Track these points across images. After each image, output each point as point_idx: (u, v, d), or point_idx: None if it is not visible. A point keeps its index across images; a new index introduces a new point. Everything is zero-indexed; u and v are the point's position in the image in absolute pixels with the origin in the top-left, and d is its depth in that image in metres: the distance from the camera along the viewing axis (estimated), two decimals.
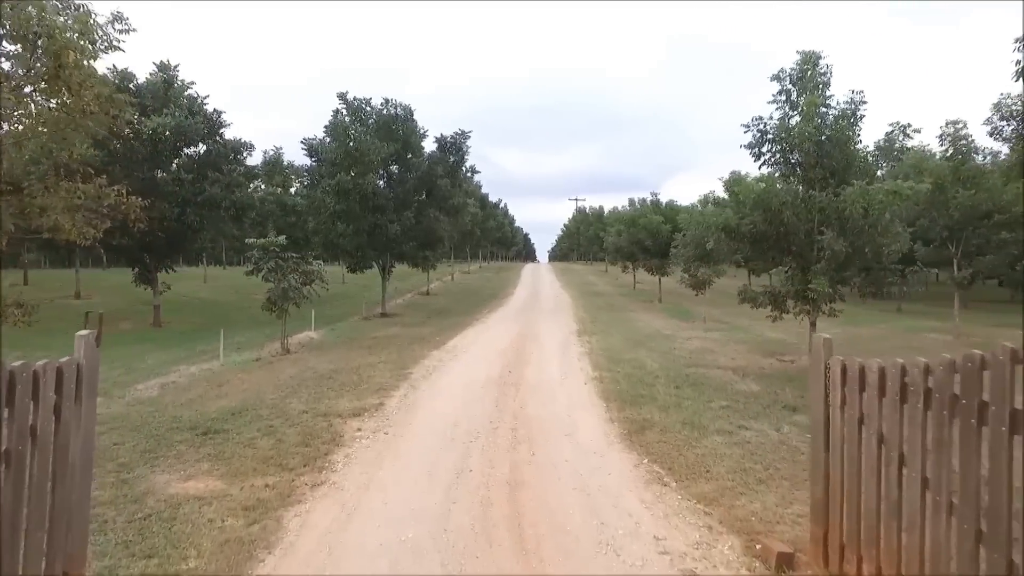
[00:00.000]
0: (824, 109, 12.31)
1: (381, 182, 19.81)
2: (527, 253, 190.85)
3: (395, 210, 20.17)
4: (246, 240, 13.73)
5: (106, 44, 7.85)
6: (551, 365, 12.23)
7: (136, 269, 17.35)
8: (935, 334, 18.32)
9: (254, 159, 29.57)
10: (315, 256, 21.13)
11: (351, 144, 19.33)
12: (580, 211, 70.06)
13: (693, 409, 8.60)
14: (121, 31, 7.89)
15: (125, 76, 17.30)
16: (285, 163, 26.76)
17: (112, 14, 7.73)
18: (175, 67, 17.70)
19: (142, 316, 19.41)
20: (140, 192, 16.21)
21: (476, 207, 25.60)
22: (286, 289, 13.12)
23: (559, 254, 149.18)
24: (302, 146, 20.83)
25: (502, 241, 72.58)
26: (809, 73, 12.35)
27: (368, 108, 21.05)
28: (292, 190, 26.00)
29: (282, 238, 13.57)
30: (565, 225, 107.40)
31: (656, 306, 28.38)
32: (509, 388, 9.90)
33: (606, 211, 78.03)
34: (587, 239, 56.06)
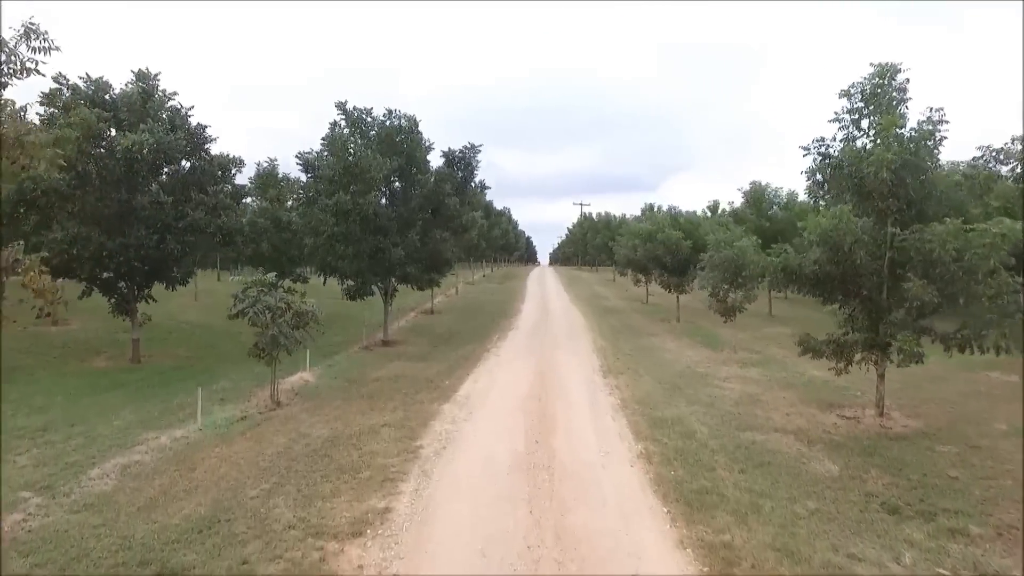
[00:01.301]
0: (900, 130, 10.61)
1: (383, 200, 18.03)
2: (529, 255, 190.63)
3: (399, 231, 18.43)
4: (230, 277, 11.98)
5: (15, 68, 6.10)
6: (583, 430, 10.50)
7: (112, 299, 15.57)
8: (996, 372, 16.58)
9: (247, 170, 27.82)
10: (314, 271, 19.39)
11: (351, 159, 17.61)
12: (586, 217, 68.39)
13: (778, 518, 6.88)
14: (39, 50, 6.14)
15: (100, 86, 15.57)
16: (280, 175, 25.02)
17: (23, 27, 5.97)
18: (155, 76, 15.93)
19: (122, 347, 17.67)
20: (114, 217, 14.51)
21: (483, 218, 23.89)
22: (275, 336, 11.40)
23: (561, 257, 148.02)
24: (297, 161, 19.12)
25: (506, 248, 70.86)
26: (882, 89, 10.62)
27: (369, 119, 19.33)
28: (288, 203, 24.21)
29: (272, 276, 11.83)
30: (569, 229, 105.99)
31: (676, 327, 26.62)
32: (541, 476, 8.15)
33: (615, 216, 76.44)
34: (595, 247, 54.35)
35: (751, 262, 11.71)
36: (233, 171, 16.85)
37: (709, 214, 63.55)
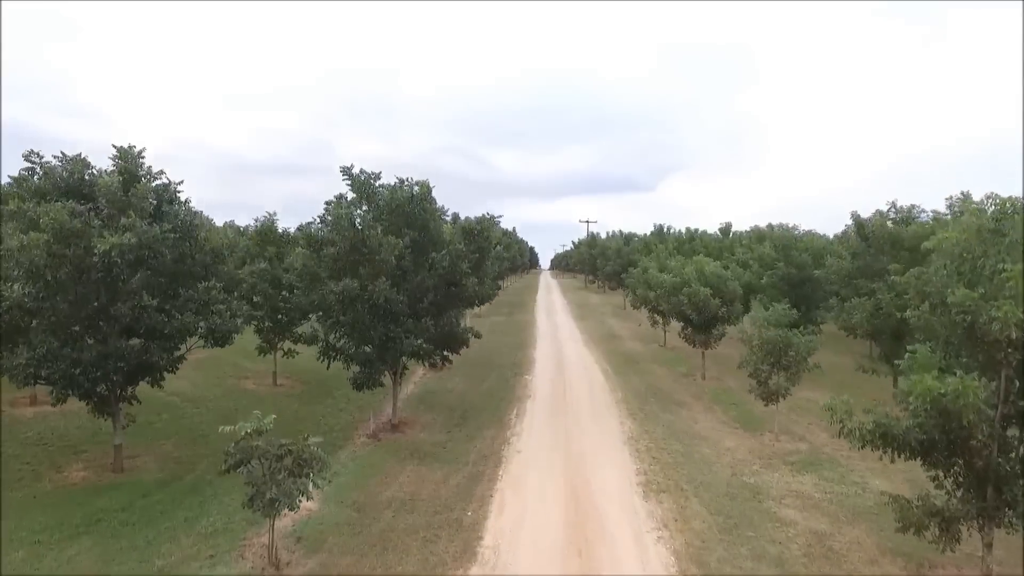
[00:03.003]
0: None
1: (393, 283, 16.25)
2: (532, 262, 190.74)
3: (411, 316, 16.65)
4: (220, 429, 10.22)
5: None
6: None
7: (90, 403, 13.81)
8: None
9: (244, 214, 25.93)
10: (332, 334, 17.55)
11: (358, 237, 15.86)
12: (594, 236, 66.61)
13: None
14: None
15: (77, 166, 13.79)
16: (280, 230, 23.24)
17: None
18: (140, 152, 14.17)
19: (103, 444, 15.91)
20: (90, 327, 12.73)
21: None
22: (274, 499, 9.65)
23: (565, 265, 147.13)
24: (299, 235, 17.37)
25: (513, 268, 69.18)
26: (1008, 225, 8.84)
27: (378, 185, 17.57)
28: (289, 265, 22.39)
29: (270, 420, 10.05)
30: (574, 242, 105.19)
31: (704, 389, 24.86)
32: None
33: (622, 232, 74.58)
34: (605, 274, 52.56)
35: (796, 343, 9.85)
36: (226, 253, 15.06)
37: (721, 235, 61.88)
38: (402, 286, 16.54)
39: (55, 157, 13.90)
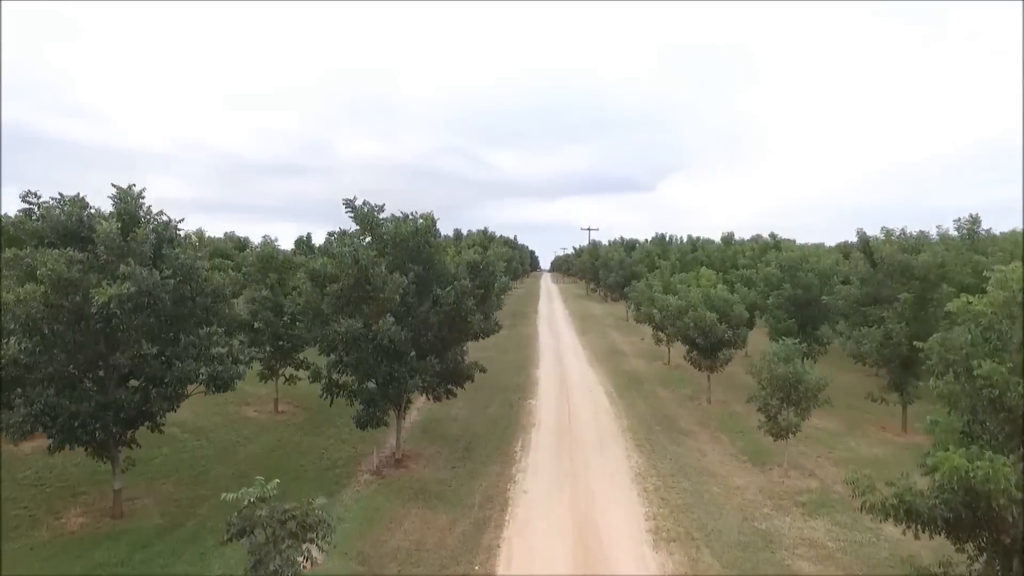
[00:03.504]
0: None
1: (396, 320, 15.97)
2: (533, 265, 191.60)
3: (416, 353, 16.37)
4: (222, 497, 9.91)
5: None
6: None
7: (88, 449, 13.53)
8: None
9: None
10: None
11: (363, 275, 15.58)
12: (596, 244, 66.59)
13: None
14: None
15: (75, 207, 13.48)
16: (280, 257, 22.93)
17: None
18: (140, 193, 13.89)
19: (103, 486, 15.63)
20: (88, 378, 12.45)
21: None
22: (277, 571, 9.37)
23: (565, 269, 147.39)
24: (303, 274, 17.09)
25: (515, 275, 68.94)
26: None
27: (381, 217, 17.29)
28: (292, 293, 22.09)
29: (273, 486, 9.75)
30: (575, 248, 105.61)
31: (711, 415, 24.59)
32: None
33: (625, 240, 74.40)
34: (607, 285, 52.27)
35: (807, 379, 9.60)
36: (228, 290, 14.74)
37: (723, 245, 61.59)
38: (406, 321, 16.27)
39: (53, 199, 13.60)
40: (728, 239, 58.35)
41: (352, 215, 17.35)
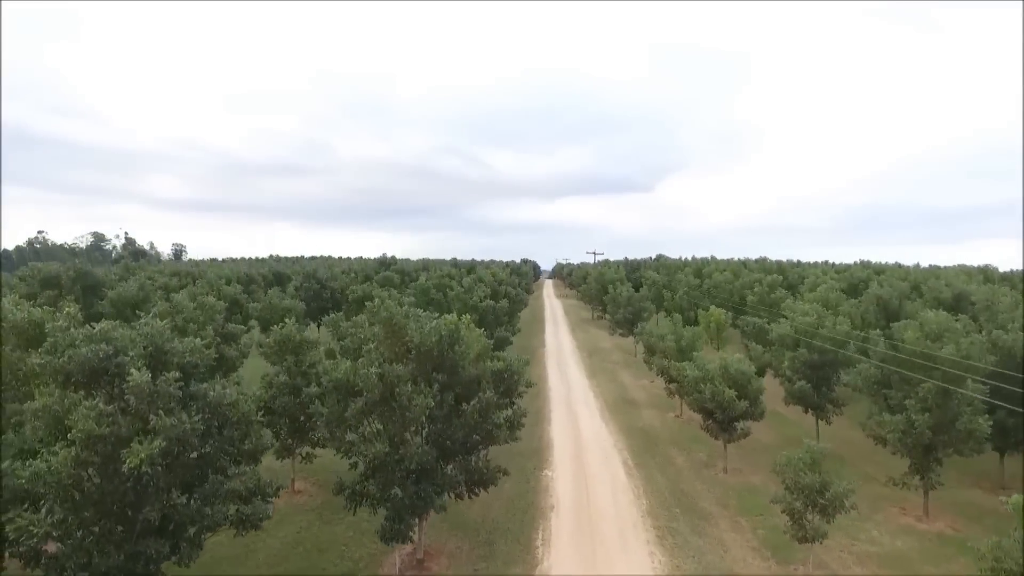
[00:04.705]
0: None
1: (422, 433, 15.86)
2: (535, 274, 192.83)
3: (441, 463, 16.28)
4: None
5: None
6: None
7: None
8: None
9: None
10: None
11: (388, 391, 15.48)
12: (600, 263, 66.68)
13: None
14: None
15: (100, 342, 13.30)
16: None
17: None
18: (168, 326, 13.74)
19: None
20: (114, 535, 12.29)
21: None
22: None
23: (567, 278, 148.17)
24: (326, 380, 16.97)
25: (523, 304, 69.02)
26: None
27: (407, 325, 17.16)
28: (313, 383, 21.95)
29: None
30: (580, 265, 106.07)
31: (731, 494, 24.45)
32: None
33: (634, 260, 74.28)
34: (615, 321, 52.16)
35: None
36: (255, 419, 14.61)
37: (733, 277, 61.44)
38: (431, 429, 16.19)
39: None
40: (737, 271, 58.32)
41: (375, 320, 17.23)
